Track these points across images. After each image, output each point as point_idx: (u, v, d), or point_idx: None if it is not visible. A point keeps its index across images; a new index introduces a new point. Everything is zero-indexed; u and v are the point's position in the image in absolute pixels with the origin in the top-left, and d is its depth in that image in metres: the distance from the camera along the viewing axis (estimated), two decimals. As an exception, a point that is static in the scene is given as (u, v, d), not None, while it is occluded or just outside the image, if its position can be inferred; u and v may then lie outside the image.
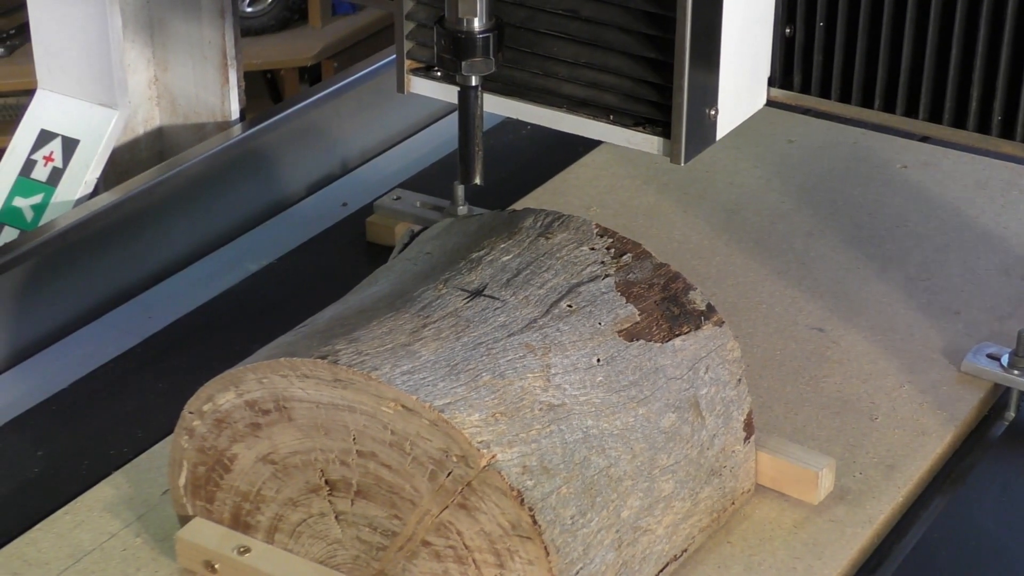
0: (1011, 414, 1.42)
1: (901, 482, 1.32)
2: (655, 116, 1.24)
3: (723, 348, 1.25)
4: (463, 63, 1.24)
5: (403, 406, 1.09)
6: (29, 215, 1.79)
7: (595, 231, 1.28)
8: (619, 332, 1.20)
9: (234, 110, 1.86)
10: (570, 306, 1.20)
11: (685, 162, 1.23)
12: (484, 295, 1.20)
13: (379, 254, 1.59)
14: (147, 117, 1.86)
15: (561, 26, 1.25)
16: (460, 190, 1.66)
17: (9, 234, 1.79)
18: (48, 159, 1.79)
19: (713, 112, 1.24)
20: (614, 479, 1.14)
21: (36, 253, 1.57)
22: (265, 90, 3.70)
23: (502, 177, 1.77)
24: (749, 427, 1.26)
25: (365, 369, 1.10)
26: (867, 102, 1.29)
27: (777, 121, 1.86)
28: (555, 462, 1.11)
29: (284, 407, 1.15)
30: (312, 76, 3.66)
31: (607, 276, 1.24)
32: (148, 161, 1.86)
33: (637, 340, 1.21)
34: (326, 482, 1.15)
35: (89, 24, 1.76)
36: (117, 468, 1.35)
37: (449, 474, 1.09)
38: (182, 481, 1.22)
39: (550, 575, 1.09)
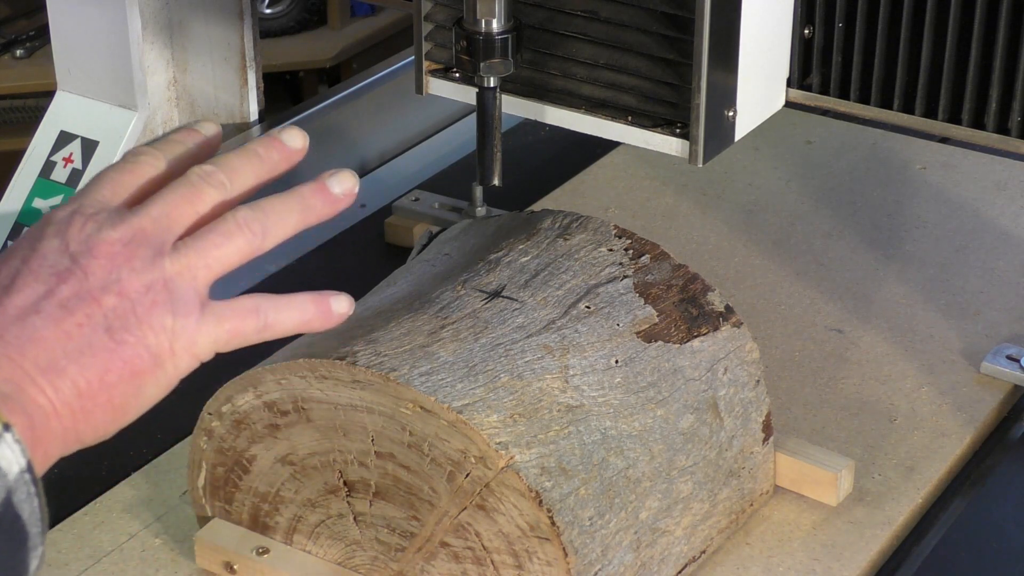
0: (1031, 416, 1.42)
1: (920, 484, 1.32)
2: (674, 117, 1.24)
3: (742, 349, 1.25)
4: (481, 64, 1.24)
5: (421, 407, 1.09)
6: (49, 217, 1.79)
7: (613, 232, 1.28)
8: (637, 333, 1.20)
9: (253, 111, 1.86)
10: (588, 307, 1.20)
11: (704, 163, 1.23)
12: (502, 296, 1.20)
13: (397, 255, 1.59)
14: (166, 119, 1.86)
15: (580, 27, 1.25)
16: (478, 191, 1.65)
17: (29, 235, 1.79)
18: (67, 160, 1.80)
19: (732, 113, 1.24)
20: (632, 480, 1.14)
21: (56, 254, 1.57)
22: (284, 92, 3.70)
23: (520, 178, 1.77)
24: (768, 428, 1.26)
25: (383, 370, 1.10)
26: (886, 103, 1.29)
27: (796, 122, 1.86)
28: (573, 463, 1.11)
29: (303, 408, 1.15)
30: (331, 78, 3.66)
31: (625, 277, 1.24)
32: (167, 163, 1.86)
33: (655, 341, 1.20)
34: (344, 483, 1.16)
35: (108, 26, 1.76)
36: (136, 469, 1.35)
37: (467, 475, 1.09)
38: (201, 482, 1.22)
39: (568, 576, 1.09)
